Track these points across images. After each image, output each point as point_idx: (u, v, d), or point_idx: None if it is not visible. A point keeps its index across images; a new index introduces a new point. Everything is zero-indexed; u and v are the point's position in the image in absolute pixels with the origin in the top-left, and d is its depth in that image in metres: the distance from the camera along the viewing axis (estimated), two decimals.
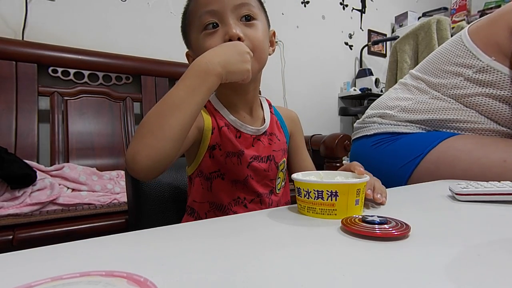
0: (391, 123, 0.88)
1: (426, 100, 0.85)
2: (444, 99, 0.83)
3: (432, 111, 0.83)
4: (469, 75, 0.80)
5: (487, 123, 0.79)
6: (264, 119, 0.65)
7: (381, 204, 0.47)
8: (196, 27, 0.56)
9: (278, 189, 0.65)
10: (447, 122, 0.82)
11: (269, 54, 0.60)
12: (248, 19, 0.55)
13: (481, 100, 0.79)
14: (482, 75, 0.78)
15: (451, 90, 0.82)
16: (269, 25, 0.61)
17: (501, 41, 0.76)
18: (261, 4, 0.60)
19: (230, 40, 0.52)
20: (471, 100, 0.80)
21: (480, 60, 0.78)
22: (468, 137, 0.77)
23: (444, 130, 0.83)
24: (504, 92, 0.76)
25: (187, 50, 0.63)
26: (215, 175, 0.59)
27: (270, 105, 0.69)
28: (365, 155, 0.89)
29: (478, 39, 0.80)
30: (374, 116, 0.93)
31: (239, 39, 0.52)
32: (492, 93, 0.78)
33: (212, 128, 0.57)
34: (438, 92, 0.84)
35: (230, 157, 0.58)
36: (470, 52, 0.80)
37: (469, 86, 0.80)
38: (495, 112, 0.78)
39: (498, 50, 0.76)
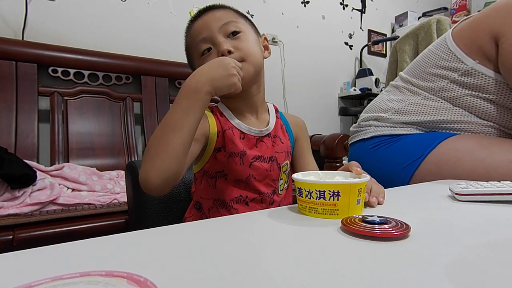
0: (387, 126, 0.88)
1: (419, 101, 0.85)
2: (436, 99, 0.83)
3: (426, 112, 0.83)
4: (455, 78, 0.80)
5: (478, 122, 0.79)
6: (269, 122, 0.68)
7: (379, 204, 0.48)
8: (196, 56, 0.63)
9: (280, 190, 0.67)
10: (441, 123, 0.82)
11: (265, 57, 0.66)
12: (235, 34, 0.61)
13: (470, 101, 0.79)
14: (468, 78, 0.78)
15: (439, 93, 0.83)
16: (258, 33, 0.67)
17: (484, 46, 0.75)
18: (245, 17, 0.66)
19: (222, 56, 0.58)
20: (459, 101, 0.80)
21: (465, 64, 0.78)
22: (469, 137, 0.77)
23: (440, 130, 0.83)
24: (490, 95, 0.77)
25: None
26: (219, 175, 0.62)
27: (276, 110, 0.73)
28: (364, 159, 0.89)
29: (462, 43, 0.79)
30: (369, 120, 0.93)
31: (229, 52, 0.58)
32: (478, 95, 0.78)
33: (217, 131, 0.61)
34: (429, 93, 0.84)
35: (233, 157, 0.60)
36: (455, 55, 0.80)
37: (456, 88, 0.80)
38: (484, 112, 0.78)
39: (482, 54, 0.76)
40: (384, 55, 2.99)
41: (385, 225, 0.33)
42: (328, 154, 1.59)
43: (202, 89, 0.50)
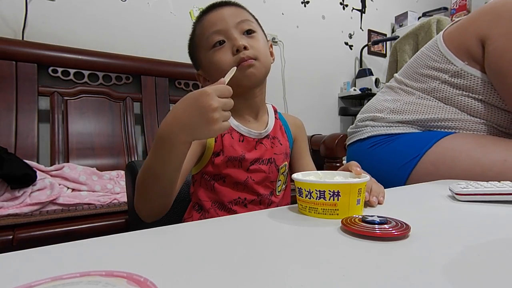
0: (383, 125, 0.89)
1: (413, 100, 0.86)
2: (430, 98, 0.85)
3: (420, 111, 0.84)
4: (445, 78, 0.81)
5: (470, 120, 0.80)
6: (268, 123, 0.67)
7: (379, 203, 0.48)
8: (205, 47, 0.61)
9: (278, 191, 0.67)
10: (435, 121, 0.83)
11: (271, 63, 0.66)
12: (250, 32, 0.61)
13: (460, 100, 0.81)
14: (457, 79, 0.80)
15: (431, 93, 0.84)
16: (266, 38, 0.67)
17: (471, 48, 0.77)
18: (257, 21, 0.67)
19: (237, 51, 0.57)
20: (451, 100, 0.82)
21: (454, 65, 0.80)
22: (465, 136, 0.78)
23: (436, 129, 0.83)
24: (479, 96, 0.79)
25: (197, 71, 0.68)
26: (217, 178, 0.61)
27: (275, 111, 0.72)
28: (361, 159, 0.89)
29: (451, 44, 0.81)
30: (365, 120, 0.94)
31: (245, 48, 0.57)
32: (469, 95, 0.80)
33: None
34: (422, 93, 0.86)
35: (231, 161, 0.60)
36: (445, 57, 0.82)
37: (447, 89, 0.82)
38: (474, 110, 0.80)
39: (469, 56, 0.78)
40: (384, 55, 2.99)
41: (385, 225, 0.33)
42: (328, 154, 1.59)
43: (177, 140, 0.44)
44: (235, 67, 0.51)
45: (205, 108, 0.42)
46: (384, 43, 2.96)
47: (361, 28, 2.81)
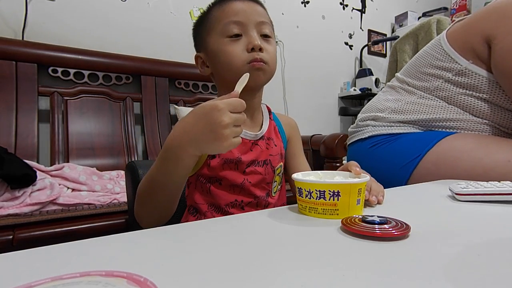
0: (385, 125, 0.89)
1: (415, 100, 0.86)
2: (432, 98, 0.84)
3: (422, 111, 0.84)
4: (449, 77, 0.81)
5: (473, 120, 0.80)
6: (262, 124, 0.67)
7: (378, 203, 0.48)
8: (218, 32, 0.59)
9: (274, 192, 0.66)
10: (437, 121, 0.83)
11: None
12: (266, 36, 0.60)
13: (464, 100, 0.80)
14: (461, 77, 0.80)
15: (434, 92, 0.84)
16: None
17: (476, 47, 0.77)
18: (273, 26, 0.65)
19: (252, 49, 0.56)
20: (454, 100, 0.81)
21: (459, 63, 0.80)
22: (467, 136, 0.78)
23: (437, 129, 0.83)
24: (484, 95, 0.78)
25: (196, 53, 0.66)
26: (213, 180, 0.61)
27: (269, 111, 0.72)
28: (362, 159, 0.89)
29: (455, 43, 0.81)
30: (366, 120, 0.94)
31: (260, 49, 0.57)
32: (472, 94, 0.80)
33: None
34: (424, 92, 0.86)
35: (227, 163, 0.60)
36: (449, 55, 0.82)
37: (450, 87, 0.82)
38: (478, 110, 0.79)
39: (474, 55, 0.78)
40: (384, 55, 2.99)
41: (385, 225, 0.33)
42: (328, 154, 1.59)
43: (185, 153, 0.44)
44: (248, 74, 0.49)
45: (216, 124, 0.41)
46: (384, 43, 2.96)
47: (361, 28, 2.81)
